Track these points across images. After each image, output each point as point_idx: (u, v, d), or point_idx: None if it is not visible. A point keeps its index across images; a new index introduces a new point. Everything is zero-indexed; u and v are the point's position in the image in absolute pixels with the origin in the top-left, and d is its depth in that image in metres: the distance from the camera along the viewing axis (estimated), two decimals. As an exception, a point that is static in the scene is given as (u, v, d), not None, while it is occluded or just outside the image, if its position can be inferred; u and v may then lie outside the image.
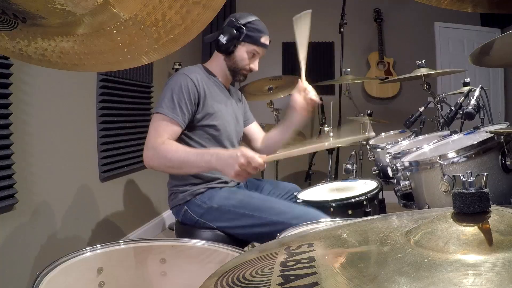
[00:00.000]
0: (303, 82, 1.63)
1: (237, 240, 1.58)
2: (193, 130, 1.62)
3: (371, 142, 2.31)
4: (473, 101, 1.62)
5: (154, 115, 1.55)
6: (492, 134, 1.13)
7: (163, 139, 1.48)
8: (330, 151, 2.85)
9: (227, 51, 1.66)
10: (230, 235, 1.57)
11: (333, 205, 1.60)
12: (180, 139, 1.57)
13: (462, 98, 1.80)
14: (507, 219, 0.45)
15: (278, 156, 1.47)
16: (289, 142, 1.77)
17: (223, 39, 1.63)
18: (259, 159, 1.34)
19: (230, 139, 1.72)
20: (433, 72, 2.25)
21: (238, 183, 1.76)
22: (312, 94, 1.63)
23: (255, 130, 1.95)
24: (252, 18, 1.67)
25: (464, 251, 0.41)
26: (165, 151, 1.46)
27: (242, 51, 1.67)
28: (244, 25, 1.63)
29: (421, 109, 2.28)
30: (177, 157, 1.45)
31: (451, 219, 0.47)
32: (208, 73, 1.71)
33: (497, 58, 1.23)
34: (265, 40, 1.68)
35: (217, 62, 1.73)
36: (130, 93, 2.85)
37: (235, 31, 1.63)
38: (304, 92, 1.62)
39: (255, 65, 1.72)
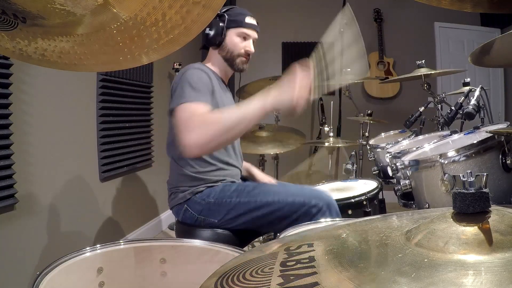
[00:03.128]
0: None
1: (239, 235, 1.59)
2: None
3: (371, 142, 2.31)
4: (473, 101, 1.62)
5: (178, 107, 1.40)
6: (492, 134, 1.13)
7: (198, 117, 1.33)
8: (330, 151, 2.85)
9: (217, 42, 1.67)
10: (231, 230, 1.57)
11: (333, 205, 1.60)
12: None
13: (463, 98, 1.79)
14: (507, 219, 0.45)
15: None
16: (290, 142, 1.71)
17: (210, 31, 1.64)
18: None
19: None
20: (433, 72, 2.25)
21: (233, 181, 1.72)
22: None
23: None
24: (231, 7, 1.70)
25: (464, 251, 0.41)
26: (214, 119, 1.29)
27: (232, 36, 1.68)
28: (225, 12, 1.66)
29: (421, 109, 2.28)
30: (228, 117, 1.27)
31: (451, 219, 0.47)
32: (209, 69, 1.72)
33: (497, 58, 1.22)
34: (249, 19, 1.69)
35: (213, 58, 1.74)
36: (130, 93, 2.85)
37: (218, 21, 1.65)
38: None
39: (250, 47, 1.71)
